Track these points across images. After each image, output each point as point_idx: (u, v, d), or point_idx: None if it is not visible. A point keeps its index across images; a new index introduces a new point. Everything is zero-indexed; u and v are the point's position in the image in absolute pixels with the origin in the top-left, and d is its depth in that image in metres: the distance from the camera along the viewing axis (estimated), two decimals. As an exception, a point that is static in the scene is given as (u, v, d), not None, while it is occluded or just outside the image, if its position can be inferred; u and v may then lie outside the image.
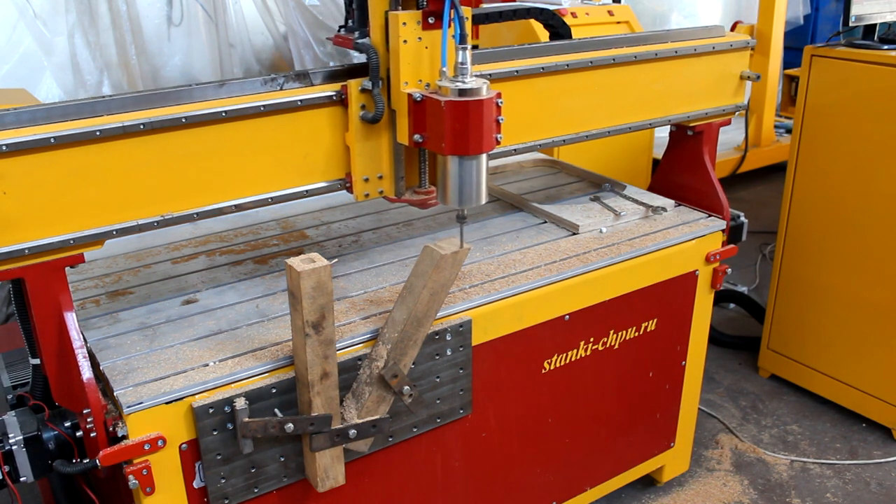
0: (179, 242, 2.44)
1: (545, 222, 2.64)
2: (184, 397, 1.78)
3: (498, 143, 1.85)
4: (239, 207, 1.84)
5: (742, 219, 2.60)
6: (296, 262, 1.72)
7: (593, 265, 2.38)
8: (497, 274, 2.29)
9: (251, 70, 4.18)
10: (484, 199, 1.89)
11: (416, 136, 1.87)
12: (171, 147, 1.73)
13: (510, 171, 3.11)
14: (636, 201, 2.68)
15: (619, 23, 4.01)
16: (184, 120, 1.74)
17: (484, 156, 1.84)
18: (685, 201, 2.70)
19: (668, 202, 2.67)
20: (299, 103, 1.85)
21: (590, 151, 3.75)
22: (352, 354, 1.94)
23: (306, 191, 1.94)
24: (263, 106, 1.81)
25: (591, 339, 2.46)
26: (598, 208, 2.66)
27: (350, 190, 1.99)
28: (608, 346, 2.51)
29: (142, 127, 1.70)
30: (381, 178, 2.01)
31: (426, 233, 2.55)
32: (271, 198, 1.88)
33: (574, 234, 2.55)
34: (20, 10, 3.56)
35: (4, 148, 1.58)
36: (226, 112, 1.77)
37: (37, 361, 1.81)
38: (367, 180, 2.00)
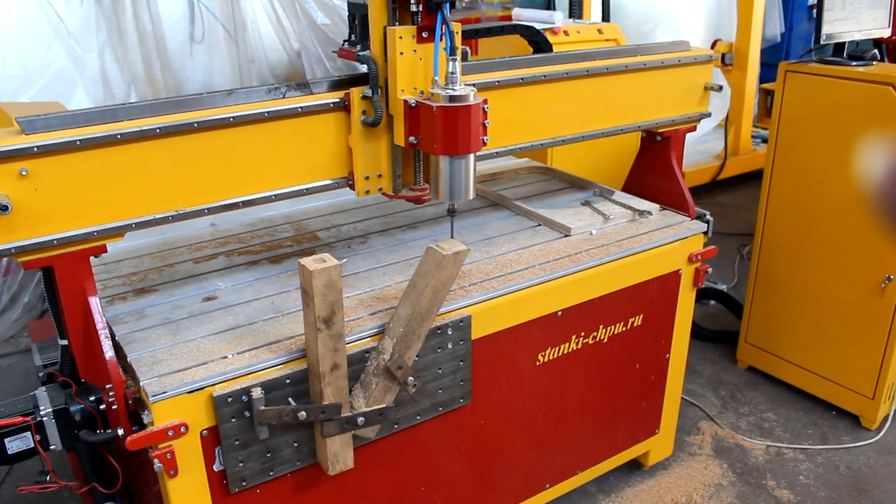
0: (200, 243, 2.45)
1: (539, 225, 2.64)
2: (204, 387, 1.80)
3: (484, 144, 1.91)
4: (247, 203, 1.88)
5: (708, 217, 2.60)
6: (308, 261, 1.74)
7: (584, 265, 2.39)
8: (495, 273, 2.30)
9: (267, 84, 4.16)
10: (472, 195, 1.91)
11: (411, 138, 1.92)
12: (184, 149, 1.78)
13: (507, 177, 3.11)
14: (624, 205, 2.69)
15: (607, 40, 4.00)
16: (196, 125, 1.79)
17: (472, 155, 1.89)
18: (654, 201, 2.72)
19: (653, 206, 2.67)
20: (300, 110, 1.90)
21: (580, 159, 3.77)
22: (360, 347, 1.96)
23: (307, 189, 1.99)
24: (267, 112, 1.86)
25: (582, 334, 2.47)
26: (588, 212, 2.68)
27: (352, 187, 2.04)
28: (598, 340, 2.52)
29: (158, 131, 1.76)
30: (380, 176, 2.04)
31: (429, 234, 2.56)
32: (275, 195, 1.92)
33: (566, 235, 2.56)
34: (55, 29, 3.64)
35: (36, 149, 1.65)
36: (233, 118, 1.82)
37: (65, 342, 1.86)
38: (367, 178, 2.03)
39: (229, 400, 1.80)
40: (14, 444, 1.79)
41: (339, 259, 1.88)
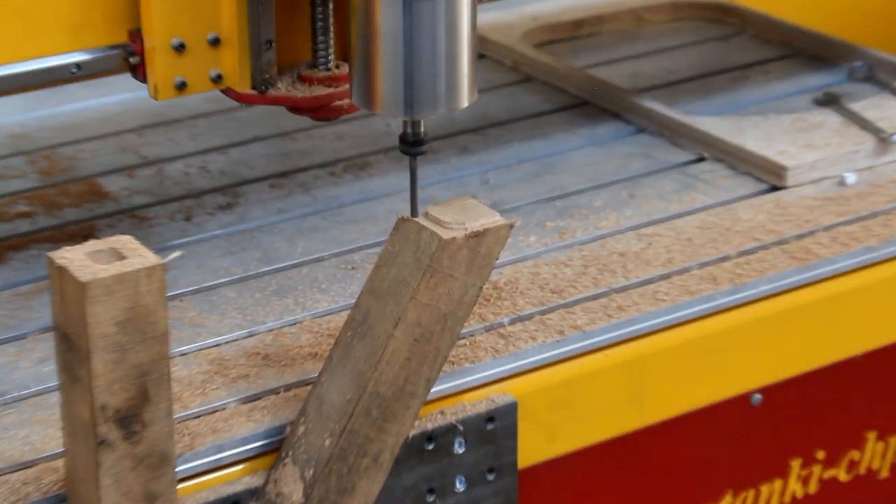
0: None
1: (701, 158, 2.21)
2: None
3: None
4: None
5: None
6: (74, 257, 1.43)
7: (826, 267, 1.94)
8: (580, 288, 1.87)
9: None
10: (466, 97, 1.65)
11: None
12: None
13: (614, 28, 2.74)
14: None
15: None
16: None
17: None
18: None
19: None
20: None
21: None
22: (215, 490, 1.60)
23: (30, 72, 1.74)
24: None
25: (823, 455, 2.07)
26: (834, 122, 2.26)
27: (137, 72, 1.75)
28: (865, 470, 2.12)
29: None
30: (215, 43, 1.76)
31: (400, 187, 2.16)
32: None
33: (775, 188, 2.10)
34: None
35: None
36: None
37: None
38: (180, 49, 1.74)
39: None
40: None
41: (160, 252, 1.46)
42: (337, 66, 1.80)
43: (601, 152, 2.27)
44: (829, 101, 2.34)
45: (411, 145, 1.70)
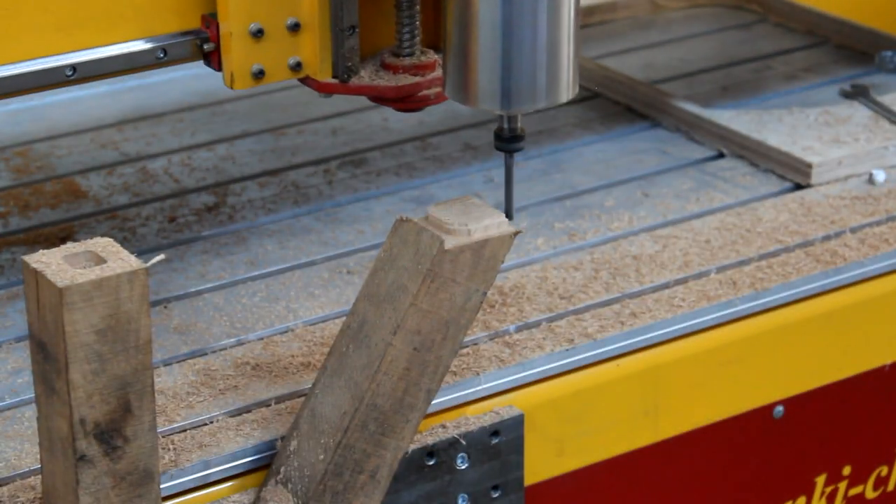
0: None
1: (721, 155, 2.19)
2: None
3: None
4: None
5: None
6: (50, 261, 1.41)
7: (854, 270, 1.93)
8: (590, 294, 1.85)
9: None
10: (568, 91, 1.63)
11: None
12: None
13: (627, 16, 2.77)
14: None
15: None
16: None
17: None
18: None
19: None
20: None
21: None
22: None
23: (83, 63, 1.70)
24: None
25: (849, 471, 2.07)
26: (862, 116, 2.25)
27: (211, 60, 1.73)
28: (894, 487, 2.13)
29: None
30: (295, 28, 1.74)
31: (398, 185, 2.19)
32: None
33: (799, 186, 2.09)
34: None
35: None
36: None
37: None
38: (258, 35, 1.72)
39: None
40: None
41: (143, 256, 1.45)
42: (423, 53, 1.77)
43: (613, 148, 2.25)
44: (857, 93, 2.30)
45: (508, 141, 1.68)
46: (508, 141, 1.67)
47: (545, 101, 1.61)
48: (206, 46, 1.72)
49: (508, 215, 1.64)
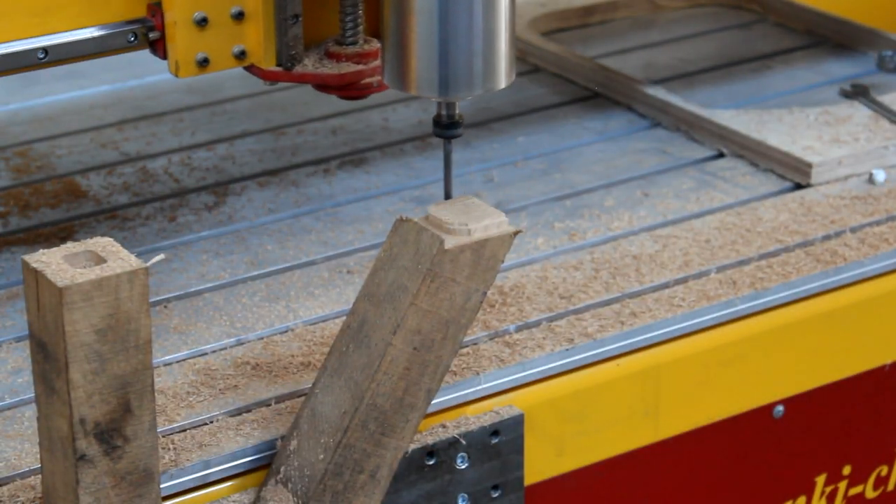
0: None
1: (720, 154, 2.21)
2: None
3: None
4: None
5: None
6: (50, 261, 1.43)
7: (854, 270, 1.95)
8: (590, 293, 1.87)
9: None
10: (504, 77, 1.67)
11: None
12: None
13: (627, 15, 2.78)
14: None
15: None
16: None
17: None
18: None
19: None
20: None
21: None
22: None
23: (43, 48, 1.73)
24: None
25: (849, 471, 2.08)
26: (862, 116, 2.27)
27: (157, 48, 1.75)
28: (894, 487, 2.14)
29: None
30: (239, 17, 1.75)
31: (398, 185, 2.20)
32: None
33: (799, 186, 2.11)
34: None
35: None
36: None
37: None
38: (202, 23, 1.73)
39: None
40: None
41: (144, 254, 1.55)
42: (367, 42, 1.79)
43: (613, 148, 2.26)
44: (857, 92, 2.32)
45: (446, 128, 1.70)
46: (447, 127, 1.70)
47: (482, 87, 1.64)
48: (151, 35, 1.74)
49: (447, 198, 1.71)
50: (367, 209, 2.11)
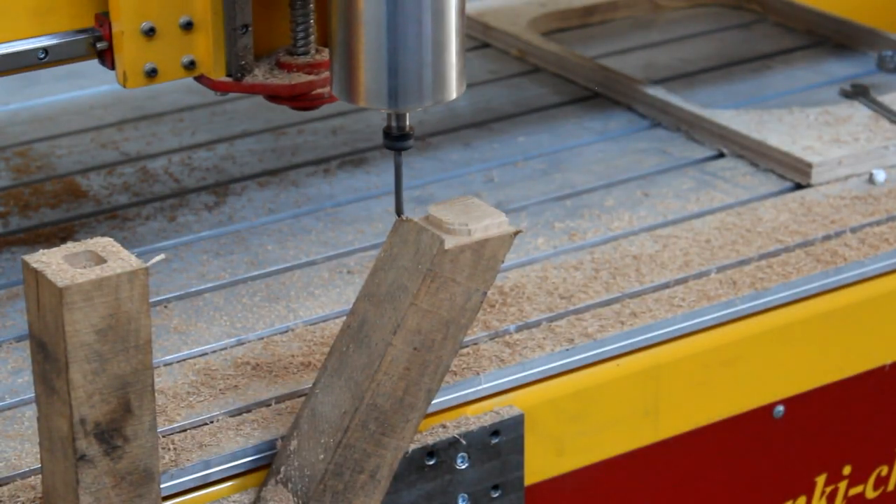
0: None
1: (721, 154, 2.22)
2: None
3: None
4: None
5: None
6: (51, 261, 1.44)
7: (854, 270, 1.95)
8: (590, 293, 1.88)
9: None
10: (454, 89, 1.67)
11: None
12: None
13: (627, 15, 2.79)
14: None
15: None
16: None
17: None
18: None
19: None
20: None
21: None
22: None
23: (43, 48, 1.75)
24: None
25: (849, 471, 2.08)
26: (862, 116, 2.28)
27: (105, 58, 1.76)
28: (894, 487, 2.15)
29: None
30: (188, 27, 1.77)
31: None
32: None
33: (799, 186, 2.12)
34: None
35: None
36: None
37: None
38: (150, 34, 1.75)
39: None
40: None
41: (144, 254, 1.60)
42: (318, 52, 1.80)
43: (613, 148, 2.26)
44: (857, 92, 2.33)
45: (396, 139, 1.70)
46: (397, 139, 1.70)
47: (431, 98, 1.65)
48: (99, 45, 1.75)
49: (399, 213, 1.70)
50: (367, 209, 2.11)
